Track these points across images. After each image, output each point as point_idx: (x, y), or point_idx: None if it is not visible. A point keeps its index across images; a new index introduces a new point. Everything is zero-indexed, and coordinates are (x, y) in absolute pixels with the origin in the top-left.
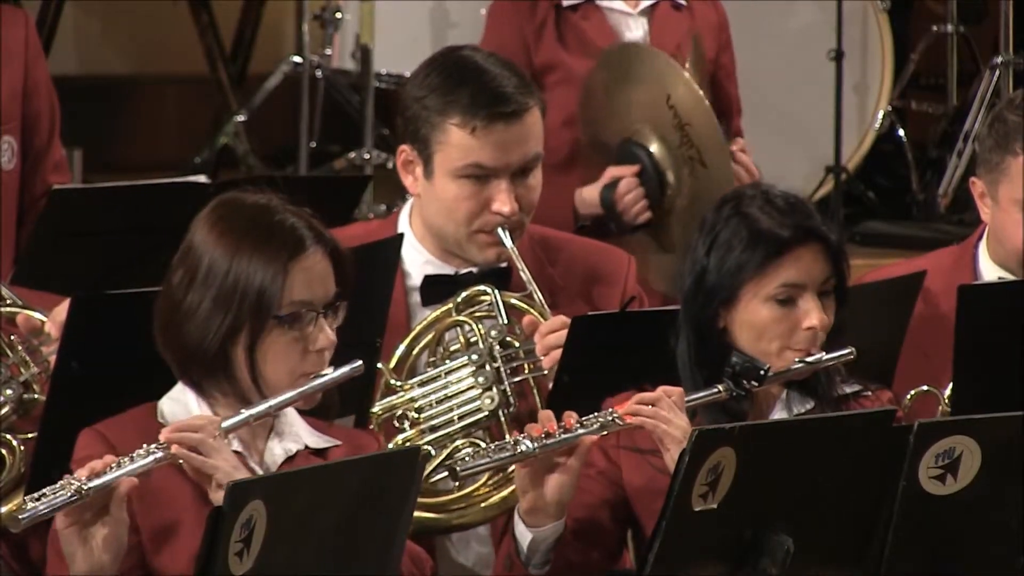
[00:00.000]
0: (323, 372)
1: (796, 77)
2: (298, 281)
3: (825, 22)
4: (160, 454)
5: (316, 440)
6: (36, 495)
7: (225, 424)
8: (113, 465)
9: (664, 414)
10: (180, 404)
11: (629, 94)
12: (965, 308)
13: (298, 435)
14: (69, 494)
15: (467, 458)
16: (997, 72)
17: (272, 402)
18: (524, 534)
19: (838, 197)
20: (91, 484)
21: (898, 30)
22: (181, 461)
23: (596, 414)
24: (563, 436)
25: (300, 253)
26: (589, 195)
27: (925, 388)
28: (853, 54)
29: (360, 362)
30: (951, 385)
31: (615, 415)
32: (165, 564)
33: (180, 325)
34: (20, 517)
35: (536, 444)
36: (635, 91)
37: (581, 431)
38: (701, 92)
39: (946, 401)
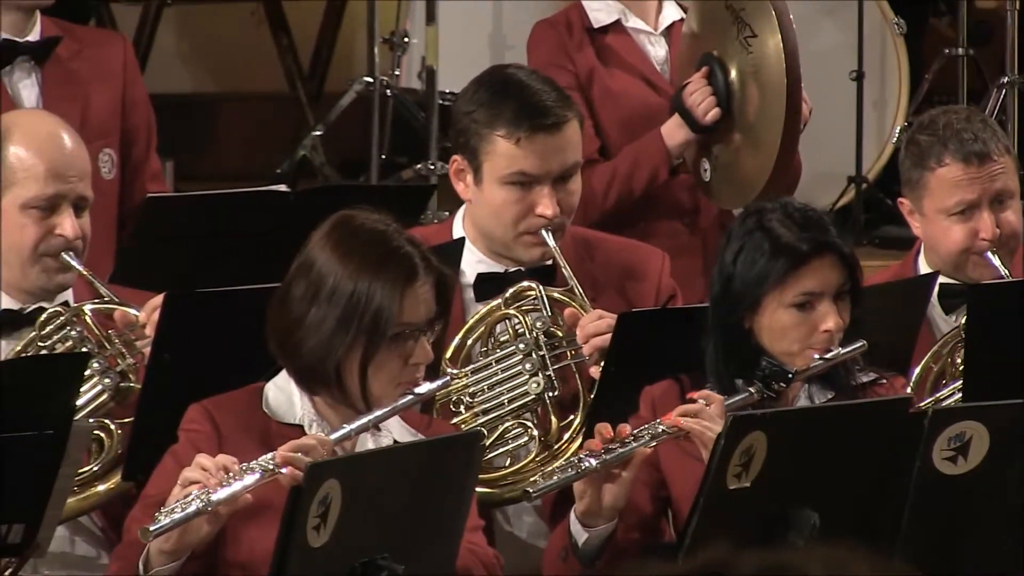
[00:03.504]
0: (418, 386)
1: (821, 95)
2: (408, 305)
3: (847, 45)
4: (273, 472)
5: (405, 434)
6: (167, 509)
7: (333, 437)
8: (232, 475)
9: (707, 423)
10: (284, 394)
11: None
12: (974, 305)
13: (389, 430)
14: (194, 509)
15: (539, 480)
16: (1003, 91)
17: (372, 416)
18: (580, 533)
19: (859, 204)
20: (216, 499)
21: (913, 52)
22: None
23: (646, 426)
24: (620, 451)
25: (413, 281)
26: (668, 124)
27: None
28: (872, 74)
29: (449, 376)
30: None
31: (664, 427)
32: (253, 538)
33: (303, 338)
34: (151, 529)
35: (598, 461)
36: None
37: (635, 444)
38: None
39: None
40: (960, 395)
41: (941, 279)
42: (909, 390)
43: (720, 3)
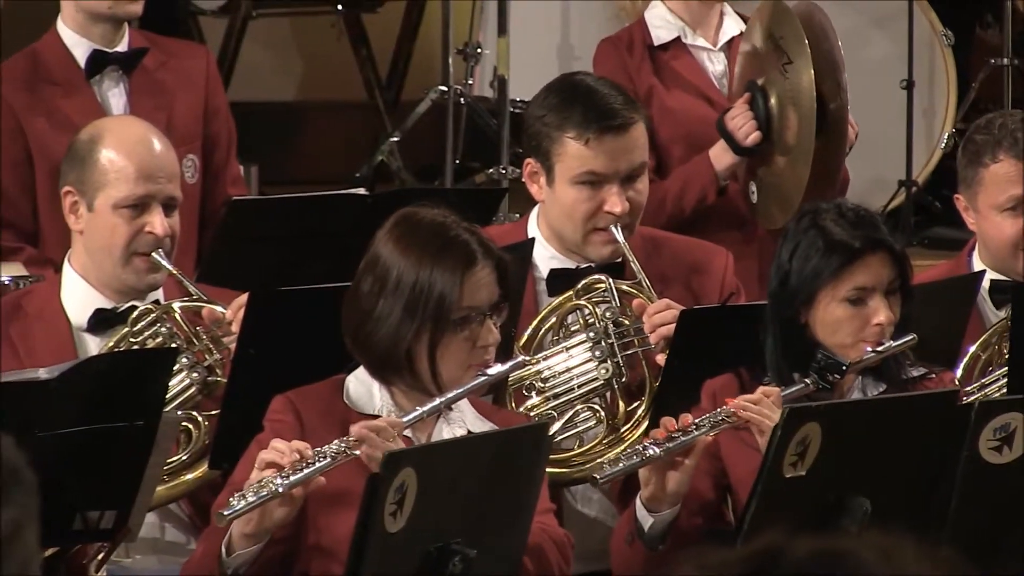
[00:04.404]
0: (489, 367)
1: (873, 103)
2: (469, 289)
3: (898, 55)
4: (345, 454)
5: (479, 424)
6: (240, 493)
7: (405, 420)
8: (305, 461)
9: (766, 412)
10: (364, 386)
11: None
12: (1019, 301)
13: (464, 420)
14: (267, 493)
15: (606, 467)
16: None
17: (443, 398)
18: (646, 518)
19: (909, 207)
20: (288, 481)
21: (961, 62)
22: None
23: (708, 415)
24: (682, 439)
25: (472, 266)
26: (715, 148)
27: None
28: (922, 83)
29: (520, 358)
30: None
31: (724, 416)
32: (333, 523)
33: (373, 330)
34: (225, 513)
35: (661, 449)
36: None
37: (696, 433)
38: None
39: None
40: (1005, 381)
41: (992, 275)
42: (958, 375)
43: (765, 30)
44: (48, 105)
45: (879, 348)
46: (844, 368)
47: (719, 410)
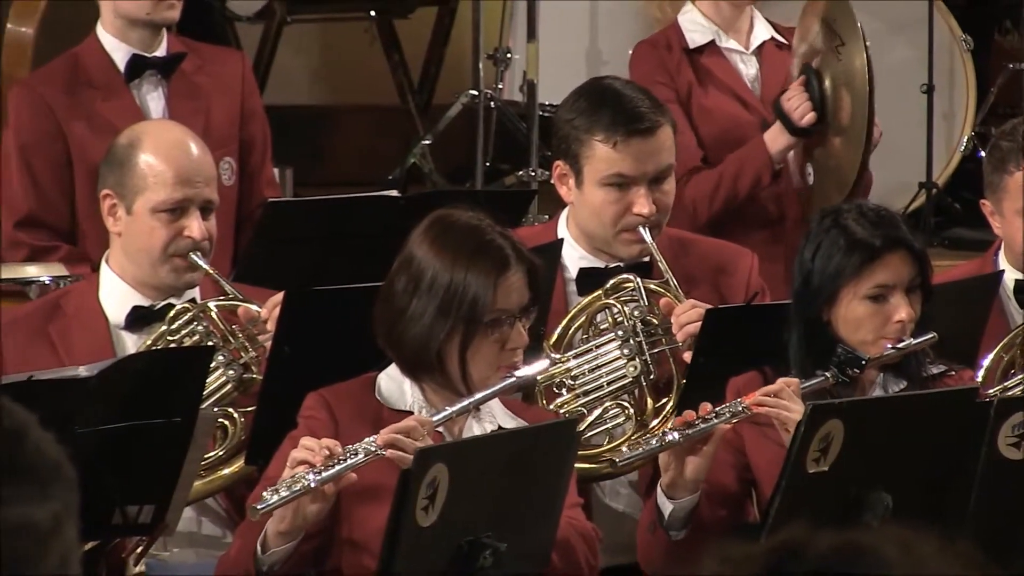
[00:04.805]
0: (517, 369)
1: (894, 106)
2: (502, 293)
3: (918, 60)
4: (376, 454)
5: (509, 421)
6: (273, 488)
7: (434, 419)
8: (335, 458)
9: (785, 403)
10: (395, 383)
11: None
12: None
13: (494, 416)
14: (299, 488)
15: (625, 450)
16: None
17: (473, 399)
18: (665, 504)
19: (929, 208)
20: (320, 477)
21: (979, 67)
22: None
23: (727, 404)
24: (702, 426)
25: (506, 270)
26: (771, 131)
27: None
28: (942, 88)
29: (548, 360)
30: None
31: (743, 406)
32: (366, 518)
33: (405, 329)
34: (258, 507)
35: (680, 435)
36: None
37: (716, 421)
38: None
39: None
40: None
41: (1017, 276)
42: (980, 376)
43: (817, 18)
44: (88, 108)
45: (899, 345)
46: (863, 363)
47: (737, 400)
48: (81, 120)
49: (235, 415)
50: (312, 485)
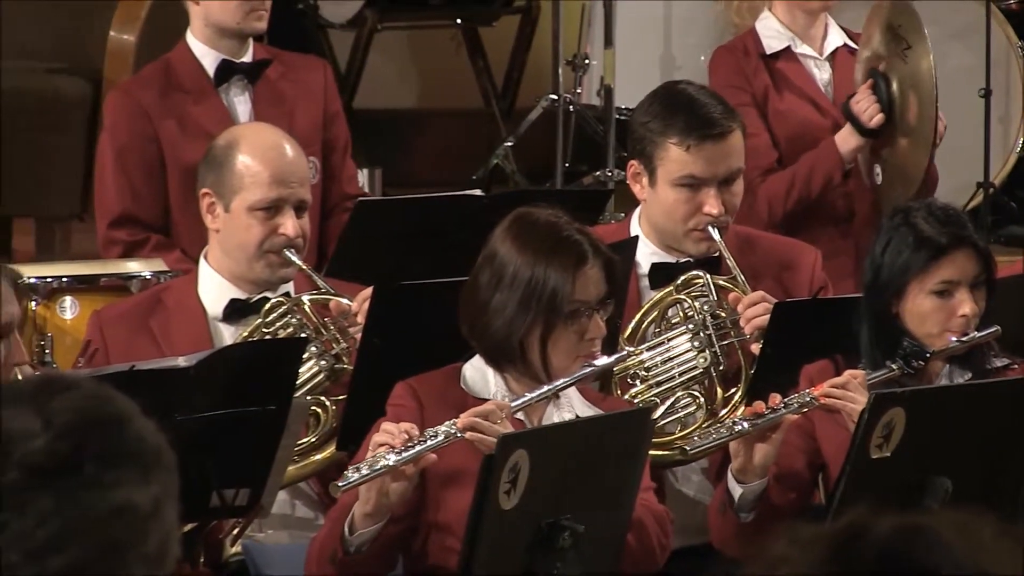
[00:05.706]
0: (596, 359)
1: (953, 110)
2: (580, 285)
3: (976, 66)
4: (455, 436)
5: (586, 410)
6: (355, 467)
7: (513, 404)
8: (414, 440)
9: (851, 395)
10: (480, 373)
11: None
12: None
13: (572, 405)
14: (380, 467)
15: (697, 439)
16: None
17: (552, 386)
18: (736, 488)
19: (986, 207)
20: (400, 457)
21: None
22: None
23: (796, 395)
24: (770, 416)
25: (584, 264)
26: (841, 133)
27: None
28: (998, 92)
29: (625, 351)
30: None
31: (811, 397)
32: (450, 501)
33: (489, 321)
34: (340, 485)
35: (750, 424)
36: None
37: (784, 411)
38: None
39: None
40: None
41: None
42: None
43: (881, 23)
44: (179, 111)
45: (963, 338)
46: (927, 355)
47: (806, 392)
48: (173, 122)
49: (327, 403)
50: (391, 463)
